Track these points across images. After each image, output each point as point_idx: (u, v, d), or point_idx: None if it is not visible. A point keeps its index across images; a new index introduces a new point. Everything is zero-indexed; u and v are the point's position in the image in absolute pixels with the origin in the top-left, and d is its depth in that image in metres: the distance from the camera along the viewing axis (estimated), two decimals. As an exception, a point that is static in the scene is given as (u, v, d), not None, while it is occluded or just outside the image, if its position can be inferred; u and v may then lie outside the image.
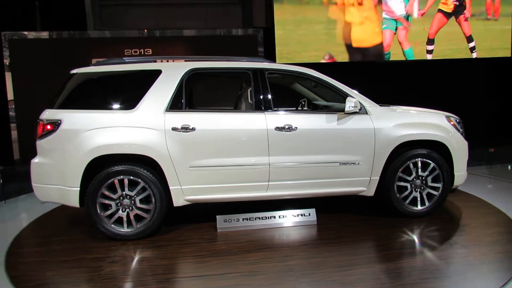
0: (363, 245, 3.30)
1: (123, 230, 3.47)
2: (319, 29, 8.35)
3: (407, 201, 3.76)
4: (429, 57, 8.57)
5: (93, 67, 3.69)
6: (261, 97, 3.63)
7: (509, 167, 6.43)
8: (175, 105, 3.53)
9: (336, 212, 4.04)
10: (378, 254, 3.09)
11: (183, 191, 3.52)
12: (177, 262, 3.04)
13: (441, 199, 3.79)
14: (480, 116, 8.84)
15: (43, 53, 7.66)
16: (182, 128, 3.44)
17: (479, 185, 5.03)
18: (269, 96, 3.64)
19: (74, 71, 3.65)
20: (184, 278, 2.75)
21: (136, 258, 3.13)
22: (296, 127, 3.55)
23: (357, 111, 3.60)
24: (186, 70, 3.61)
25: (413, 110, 3.96)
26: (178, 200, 3.55)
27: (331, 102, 4.22)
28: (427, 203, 3.77)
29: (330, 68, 7.42)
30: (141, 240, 3.45)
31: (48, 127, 3.43)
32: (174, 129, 3.44)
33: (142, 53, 7.96)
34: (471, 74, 8.99)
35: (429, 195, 3.77)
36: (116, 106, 3.54)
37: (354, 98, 3.59)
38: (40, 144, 3.47)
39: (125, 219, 3.46)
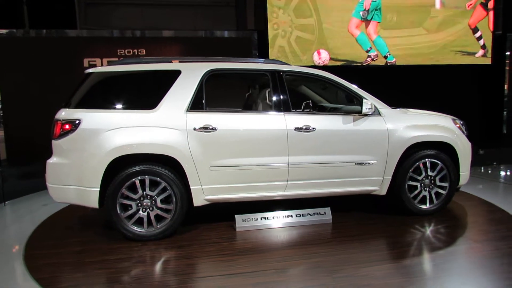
0: (383, 242, 3.43)
1: (143, 231, 3.45)
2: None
3: (417, 200, 3.92)
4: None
5: (110, 66, 3.66)
6: (280, 98, 3.70)
7: (494, 163, 6.78)
8: (195, 105, 3.55)
9: (347, 211, 4.16)
10: (399, 250, 3.21)
11: (204, 191, 3.54)
12: (204, 261, 3.06)
13: (448, 198, 3.98)
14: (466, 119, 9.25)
15: (31, 52, 7.45)
16: (204, 128, 3.46)
17: (473, 184, 5.29)
18: (288, 97, 3.73)
19: (91, 70, 3.61)
20: (217, 276, 2.77)
21: (162, 259, 3.13)
22: (315, 128, 3.65)
23: (372, 113, 3.74)
24: (206, 71, 3.63)
25: (421, 112, 4.15)
26: (198, 200, 3.56)
27: (337, 104, 4.35)
28: (435, 202, 3.95)
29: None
30: (161, 241, 3.44)
31: (67, 126, 3.37)
32: (196, 129, 3.46)
33: (136, 53, 7.88)
34: (453, 79, 9.40)
35: (437, 194, 3.96)
36: (136, 105, 3.52)
37: (369, 100, 3.73)
38: (57, 144, 3.41)
39: (145, 219, 3.45)
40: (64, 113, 3.42)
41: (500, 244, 3.19)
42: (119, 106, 3.50)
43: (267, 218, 3.77)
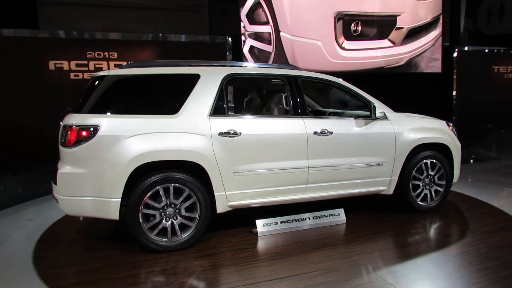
0: (403, 238, 3.62)
1: (167, 241, 3.30)
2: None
3: (419, 198, 4.21)
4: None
5: (126, 69, 3.48)
6: (298, 102, 3.77)
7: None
8: (217, 110, 3.49)
9: (354, 211, 4.31)
10: (425, 244, 3.44)
11: (227, 197, 3.49)
12: (244, 268, 3.01)
13: (445, 195, 4.32)
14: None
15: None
16: (228, 133, 3.42)
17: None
18: (305, 102, 3.81)
19: (104, 73, 3.40)
20: (267, 281, 2.74)
21: (198, 269, 3.02)
22: (331, 132, 3.77)
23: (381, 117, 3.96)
24: (225, 75, 3.60)
25: (419, 116, 4.46)
26: (221, 207, 3.50)
27: (328, 109, 4.53)
28: (435, 199, 4.27)
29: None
30: (186, 251, 3.32)
31: (84, 133, 3.14)
32: (220, 134, 3.40)
33: (107, 56, 7.48)
34: (407, 86, 10.13)
35: (436, 192, 4.27)
36: (156, 110, 3.38)
37: (380, 105, 3.94)
38: (72, 152, 3.16)
39: (169, 229, 3.31)
40: (78, 119, 3.18)
41: (506, 234, 3.55)
42: (138, 111, 3.33)
43: (286, 222, 3.80)
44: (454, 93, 10.48)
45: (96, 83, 3.38)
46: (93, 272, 2.97)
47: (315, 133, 3.71)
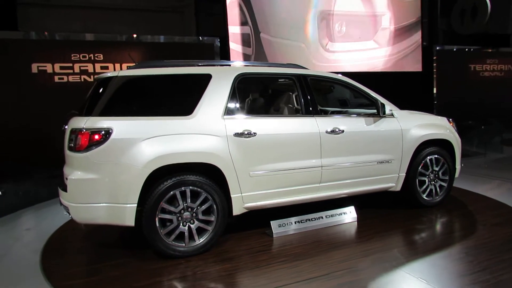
0: (419, 234, 3.67)
1: (185, 247, 3.20)
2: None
3: (425, 193, 4.29)
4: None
5: (136, 70, 3.35)
6: (310, 101, 3.76)
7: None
8: (231, 110, 3.43)
9: (361, 208, 4.33)
10: (440, 238, 3.52)
11: (243, 199, 3.43)
12: (269, 270, 2.94)
13: (449, 189, 4.42)
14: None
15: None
16: (243, 133, 3.36)
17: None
18: (316, 101, 3.80)
19: (113, 73, 3.27)
20: (296, 283, 2.70)
21: (222, 273, 2.94)
22: (343, 130, 3.78)
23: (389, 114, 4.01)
24: (236, 75, 3.53)
25: (422, 113, 4.55)
26: (237, 209, 3.43)
27: (335, 108, 4.55)
28: (439, 194, 4.36)
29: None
30: (204, 255, 3.23)
31: (96, 137, 3.00)
32: (236, 134, 3.34)
33: (92, 58, 7.23)
34: (390, 85, 10.36)
35: (440, 187, 4.37)
36: (170, 112, 3.27)
37: (386, 103, 3.99)
38: (83, 157, 3.00)
39: (187, 233, 3.21)
40: (89, 122, 3.03)
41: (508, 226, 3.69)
42: (151, 112, 3.21)
43: (300, 222, 3.78)
44: (434, 90, 10.80)
45: (104, 84, 3.24)
46: (111, 281, 2.84)
47: (327, 131, 3.70)
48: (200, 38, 8.33)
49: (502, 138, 10.25)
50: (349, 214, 3.98)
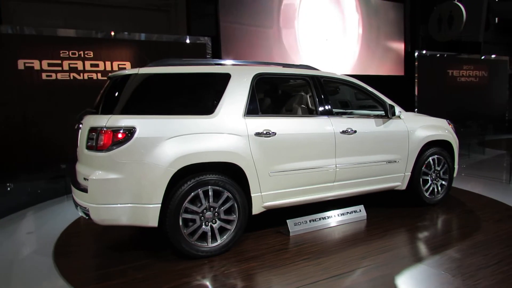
0: (429, 230, 3.80)
1: (207, 246, 3.19)
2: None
3: (428, 192, 4.46)
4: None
5: (156, 67, 3.30)
6: (324, 102, 3.83)
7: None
8: (251, 109, 3.44)
9: (367, 207, 4.45)
10: (450, 234, 3.66)
11: (263, 198, 3.45)
12: (295, 268, 2.97)
13: (448, 188, 4.62)
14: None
15: None
16: (264, 133, 3.38)
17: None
18: (330, 102, 3.88)
19: (132, 71, 3.21)
20: (326, 280, 2.75)
21: (251, 272, 2.94)
22: (356, 130, 3.87)
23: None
24: (254, 74, 3.55)
25: (424, 115, 4.72)
26: (257, 208, 3.45)
27: (339, 109, 4.65)
28: (440, 192, 4.55)
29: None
30: (225, 255, 3.23)
31: (119, 136, 2.93)
32: (257, 134, 3.36)
33: (82, 55, 7.03)
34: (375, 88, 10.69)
35: (441, 185, 4.56)
36: (192, 110, 3.25)
37: (394, 104, 4.12)
38: (106, 157, 2.93)
39: (209, 233, 3.19)
40: (111, 120, 2.96)
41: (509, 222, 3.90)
42: (172, 111, 3.18)
43: (315, 220, 3.84)
44: (416, 93, 11.21)
45: (123, 82, 3.18)
46: (138, 284, 2.78)
47: (341, 132, 3.79)
48: (194, 38, 8.27)
49: (483, 140, 10.75)
50: (359, 213, 4.08)
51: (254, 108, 3.47)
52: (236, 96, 3.40)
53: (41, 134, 6.57)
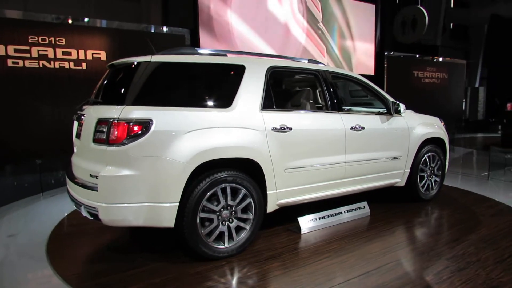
0: (433, 225, 3.90)
1: (224, 247, 3.02)
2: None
3: (424, 188, 4.57)
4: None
5: (169, 56, 3.06)
6: (335, 98, 3.78)
7: None
8: (266, 103, 3.30)
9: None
10: (456, 229, 3.73)
11: (277, 195, 3.33)
12: (320, 267, 2.87)
13: (441, 184, 4.77)
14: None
15: None
16: (281, 128, 3.27)
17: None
18: (340, 98, 3.83)
19: (144, 59, 2.95)
20: (358, 277, 2.69)
21: (275, 272, 2.81)
22: (363, 127, 3.86)
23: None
24: (268, 67, 3.42)
25: (419, 114, 4.83)
26: (271, 206, 3.33)
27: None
28: (434, 188, 4.68)
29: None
30: (243, 256, 3.08)
31: (136, 128, 2.68)
32: (274, 129, 3.23)
33: (53, 42, 6.48)
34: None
35: (435, 182, 4.69)
36: (209, 103, 3.05)
37: (397, 102, 4.17)
38: (120, 151, 2.67)
39: (226, 233, 3.03)
40: (125, 112, 2.70)
41: (508, 216, 4.09)
42: (189, 103, 2.96)
43: (324, 218, 3.78)
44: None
45: (133, 70, 2.91)
46: (159, 289, 2.57)
47: (351, 128, 3.76)
48: (172, 29, 7.93)
49: (452, 139, 11.32)
50: (363, 209, 4.09)
51: (270, 102, 3.33)
52: (252, 89, 3.24)
53: (7, 128, 5.97)
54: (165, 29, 7.86)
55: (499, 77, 16.05)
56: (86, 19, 6.81)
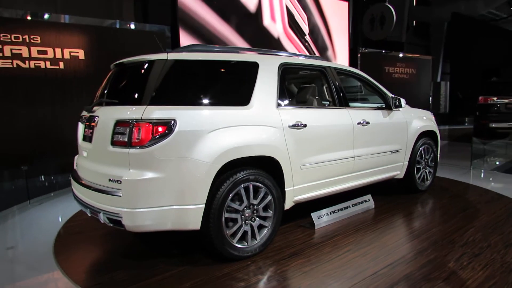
0: (436, 214, 4.04)
1: (248, 246, 2.99)
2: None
3: (420, 179, 4.75)
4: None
5: (187, 53, 2.97)
6: (342, 93, 3.83)
7: None
8: (281, 100, 3.30)
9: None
10: (460, 216, 3.89)
11: (294, 192, 3.34)
12: (344, 261, 2.91)
13: (434, 175, 4.97)
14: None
15: None
16: (296, 125, 3.27)
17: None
18: (345, 93, 3.89)
19: (160, 56, 2.85)
20: (383, 269, 2.76)
21: (304, 269, 2.81)
22: (368, 122, 3.95)
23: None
24: (279, 64, 3.41)
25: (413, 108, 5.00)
26: (289, 203, 3.34)
27: None
28: (428, 179, 4.87)
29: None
30: (265, 254, 3.06)
31: (160, 129, 2.59)
32: (291, 126, 3.23)
33: (27, 40, 6.10)
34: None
35: (429, 173, 4.89)
36: (228, 101, 2.99)
37: (398, 97, 4.29)
38: (145, 153, 2.57)
39: (249, 232, 3.00)
40: (147, 112, 2.59)
41: (500, 203, 4.33)
42: (209, 101, 2.89)
43: (334, 212, 3.83)
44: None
45: (148, 68, 2.81)
46: (193, 293, 2.50)
47: (358, 123, 3.83)
48: (152, 26, 7.69)
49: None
50: (368, 202, 4.19)
51: (284, 99, 3.34)
52: (267, 86, 3.22)
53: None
54: (146, 26, 7.61)
55: (461, 72, 16.93)
56: (64, 16, 6.46)
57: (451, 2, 17.40)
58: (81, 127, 3.26)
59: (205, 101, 2.87)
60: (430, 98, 15.53)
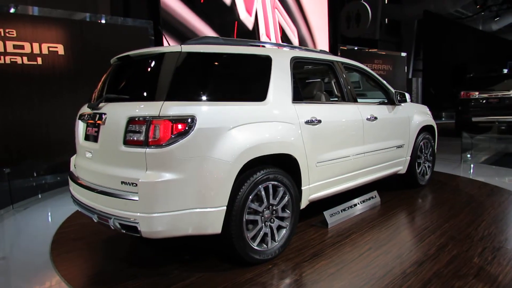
0: (444, 208, 4.01)
1: (267, 248, 2.84)
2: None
3: (420, 174, 4.76)
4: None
5: (201, 46, 2.77)
6: (351, 88, 3.75)
7: None
8: (295, 95, 3.16)
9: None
10: (467, 210, 3.91)
11: (310, 190, 3.22)
12: (368, 260, 2.81)
13: (433, 169, 5.01)
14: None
15: None
16: (312, 121, 3.15)
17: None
18: (354, 88, 3.81)
19: (174, 49, 2.64)
20: (411, 267, 2.69)
21: (330, 270, 2.69)
22: (376, 117, 3.89)
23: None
24: (291, 58, 3.27)
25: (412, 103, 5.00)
26: (304, 201, 3.22)
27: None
28: (428, 173, 4.90)
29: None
30: (285, 256, 2.92)
31: (179, 126, 2.39)
32: (307, 122, 3.10)
33: (3, 33, 5.66)
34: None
35: (428, 167, 4.91)
36: (245, 96, 2.83)
37: (402, 92, 4.27)
38: (164, 153, 2.36)
39: (269, 234, 2.85)
40: (165, 108, 2.38)
41: (501, 196, 4.41)
42: (226, 96, 2.71)
43: (345, 210, 3.75)
44: (341, 86, 11.91)
45: (160, 61, 2.60)
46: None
47: (367, 119, 3.76)
48: (135, 21, 7.35)
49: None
50: (375, 198, 4.14)
51: (298, 94, 3.20)
52: (281, 81, 3.07)
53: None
54: (129, 21, 7.26)
55: (433, 69, 17.43)
56: (43, 9, 6.03)
57: (421, 0, 17.86)
58: (81, 125, 2.99)
59: (223, 96, 2.69)
60: (406, 94, 15.82)
